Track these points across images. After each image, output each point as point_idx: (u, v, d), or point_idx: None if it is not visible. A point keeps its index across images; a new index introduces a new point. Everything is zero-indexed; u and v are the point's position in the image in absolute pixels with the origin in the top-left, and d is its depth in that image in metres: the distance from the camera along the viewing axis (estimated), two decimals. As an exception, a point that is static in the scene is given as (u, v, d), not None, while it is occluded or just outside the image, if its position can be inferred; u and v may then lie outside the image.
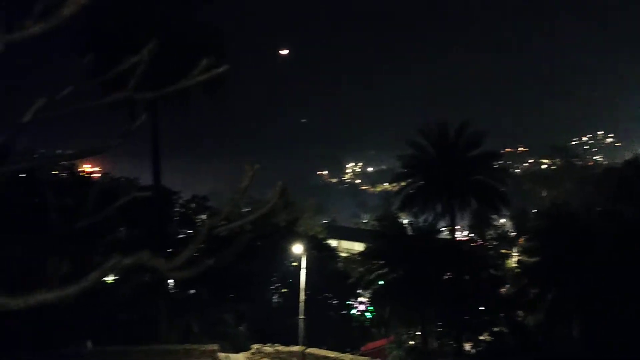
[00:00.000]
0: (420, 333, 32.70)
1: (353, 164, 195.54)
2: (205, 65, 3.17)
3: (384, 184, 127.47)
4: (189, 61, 3.32)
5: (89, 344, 19.71)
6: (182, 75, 3.07)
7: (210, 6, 24.54)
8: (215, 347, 21.83)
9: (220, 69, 3.07)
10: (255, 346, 23.31)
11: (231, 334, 25.55)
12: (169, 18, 21.43)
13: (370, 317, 37.33)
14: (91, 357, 19.42)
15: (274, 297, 35.37)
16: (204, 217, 34.42)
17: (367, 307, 38.67)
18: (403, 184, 34.31)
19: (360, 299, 38.60)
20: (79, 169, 29.82)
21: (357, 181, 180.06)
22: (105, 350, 20.06)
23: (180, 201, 32.40)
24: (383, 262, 31.93)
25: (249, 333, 27.09)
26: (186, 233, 32.34)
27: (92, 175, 32.35)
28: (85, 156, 3.23)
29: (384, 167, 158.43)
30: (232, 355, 22.91)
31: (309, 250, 28.36)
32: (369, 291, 34.24)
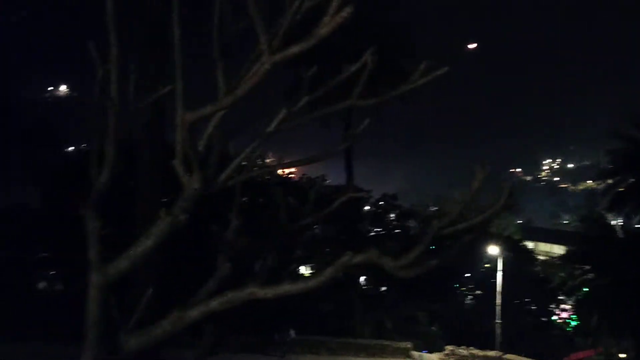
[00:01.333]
0: (634, 345, 29.29)
1: (550, 160, 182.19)
2: (424, 68, 3.23)
3: (587, 182, 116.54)
4: (385, 63, 3.38)
5: (292, 333, 21.23)
6: (379, 78, 3.17)
7: (398, 6, 24.72)
8: (408, 345, 22.02)
9: (440, 71, 3.11)
10: (449, 347, 22.99)
11: (424, 333, 25.51)
12: (366, 20, 21.60)
13: (575, 325, 34.45)
14: (294, 344, 20.91)
15: (467, 298, 34.49)
16: (392, 215, 35.00)
17: (570, 315, 35.75)
18: (610, 181, 31.00)
19: (562, 306, 35.83)
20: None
21: (555, 179, 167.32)
22: (306, 339, 21.44)
23: (371, 200, 33.21)
24: (589, 267, 29.20)
25: (441, 333, 26.79)
26: (377, 231, 33.12)
27: (290, 176, 34.63)
28: (313, 162, 3.51)
29: (587, 162, 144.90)
30: (425, 355, 22.90)
31: (504, 252, 27.14)
32: (573, 298, 31.60)
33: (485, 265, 32.44)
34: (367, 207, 33.51)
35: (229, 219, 3.50)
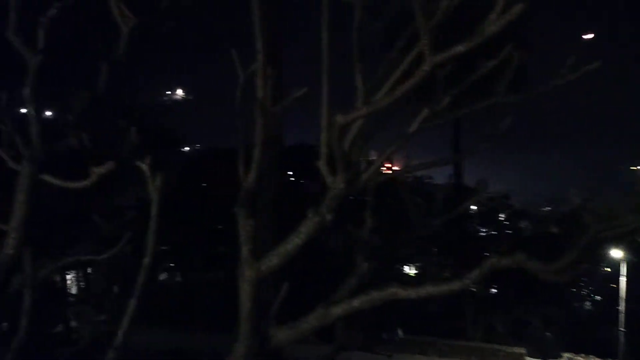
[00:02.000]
0: None
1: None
2: (571, 63, 3.07)
3: None
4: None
5: (400, 332, 21.10)
6: (492, 75, 3.02)
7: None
8: (522, 350, 21.10)
9: (593, 65, 2.94)
10: (566, 355, 21.80)
11: (538, 338, 24.34)
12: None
13: None
14: (401, 344, 20.76)
15: (584, 303, 32.48)
16: (502, 215, 33.63)
17: None
18: None
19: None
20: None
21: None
22: (414, 339, 21.21)
23: (480, 199, 32.14)
24: None
25: (557, 339, 25.42)
26: (486, 231, 32.01)
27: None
28: (447, 163, 3.47)
29: None
30: (540, 362, 21.86)
31: (629, 256, 25.22)
32: None
33: (606, 269, 30.37)
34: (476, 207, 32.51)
35: (363, 218, 3.54)
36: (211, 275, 23.89)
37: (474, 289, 27.92)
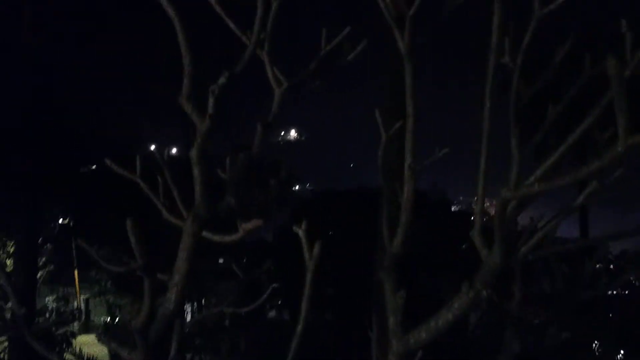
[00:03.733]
0: None
1: None
2: None
3: None
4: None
5: None
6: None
7: None
8: None
9: None
10: None
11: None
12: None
13: None
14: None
15: None
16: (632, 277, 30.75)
17: None
18: None
19: None
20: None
21: None
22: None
23: (608, 256, 29.75)
24: None
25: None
26: (613, 291, 29.39)
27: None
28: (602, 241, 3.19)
29: None
30: None
31: None
32: None
33: None
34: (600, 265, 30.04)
35: (512, 291, 3.34)
36: (319, 316, 23.93)
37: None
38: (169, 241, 3.34)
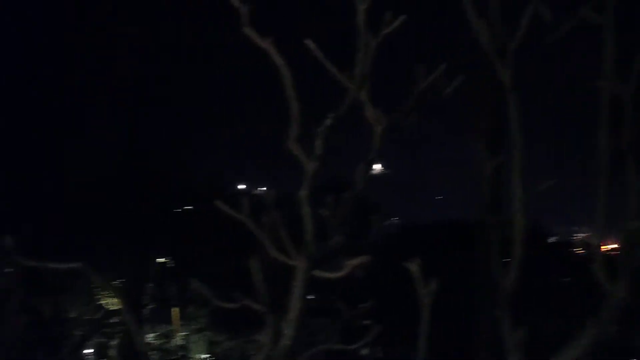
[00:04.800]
0: None
1: None
2: None
3: None
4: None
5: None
6: None
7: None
8: None
9: None
10: None
11: None
12: None
13: None
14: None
15: None
16: None
17: None
18: None
19: None
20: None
21: None
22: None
23: None
24: None
25: None
26: None
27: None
28: None
29: None
30: None
31: None
32: None
33: None
34: None
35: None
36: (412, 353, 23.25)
37: None
38: (268, 278, 3.44)
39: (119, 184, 18.68)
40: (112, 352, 20.14)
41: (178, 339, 23.80)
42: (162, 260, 23.53)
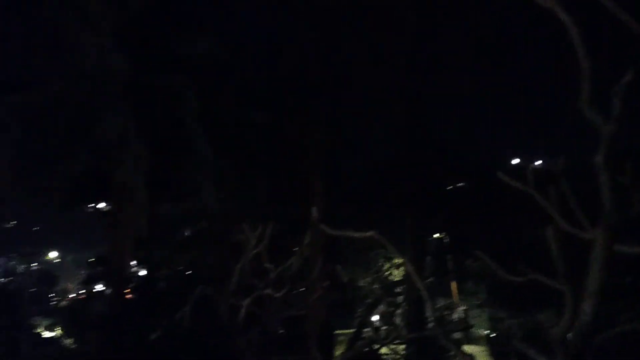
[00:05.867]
0: None
1: None
2: None
3: None
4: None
5: None
6: None
7: None
8: None
9: None
10: None
11: None
12: None
13: None
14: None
15: None
16: None
17: None
18: None
19: None
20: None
21: None
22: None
23: None
24: None
25: None
26: None
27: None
28: None
29: None
30: None
31: None
32: None
33: None
34: None
35: None
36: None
37: None
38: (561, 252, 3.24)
39: (405, 162, 19.49)
40: (398, 320, 21.36)
41: (460, 312, 24.05)
42: (438, 235, 23.96)
